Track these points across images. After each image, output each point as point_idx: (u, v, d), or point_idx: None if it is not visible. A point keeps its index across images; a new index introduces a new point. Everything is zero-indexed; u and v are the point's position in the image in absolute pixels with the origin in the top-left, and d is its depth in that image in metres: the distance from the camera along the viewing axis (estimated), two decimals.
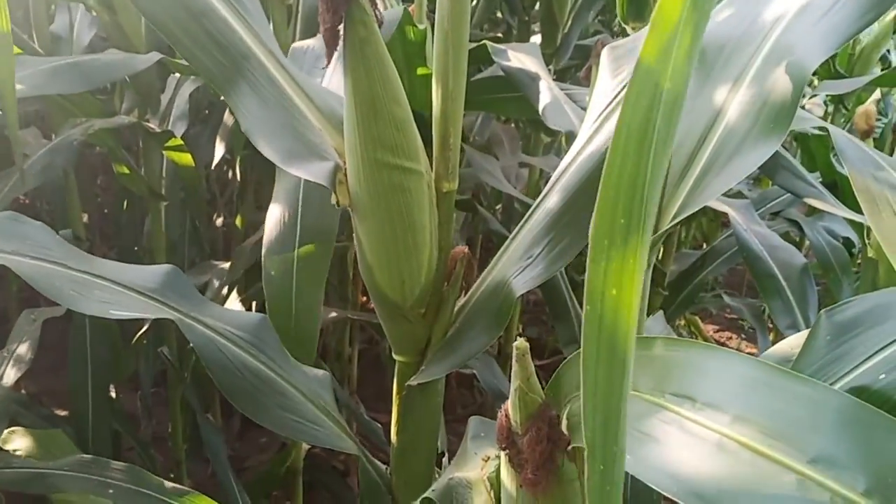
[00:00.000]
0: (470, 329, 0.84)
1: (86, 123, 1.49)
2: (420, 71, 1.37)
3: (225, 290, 1.98)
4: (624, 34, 1.75)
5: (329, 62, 0.66)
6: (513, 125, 2.49)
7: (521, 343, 0.64)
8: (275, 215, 1.05)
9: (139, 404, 2.49)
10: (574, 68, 2.74)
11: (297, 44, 1.07)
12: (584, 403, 0.41)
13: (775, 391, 0.47)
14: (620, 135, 0.37)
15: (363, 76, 0.67)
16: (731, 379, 0.50)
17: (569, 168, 0.84)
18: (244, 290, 1.99)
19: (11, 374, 1.47)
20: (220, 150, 1.91)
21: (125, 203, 2.56)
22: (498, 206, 2.87)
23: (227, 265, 2.05)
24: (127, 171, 1.68)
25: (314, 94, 0.78)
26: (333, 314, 1.76)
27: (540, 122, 1.65)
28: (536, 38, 2.47)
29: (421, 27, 1.27)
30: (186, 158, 1.77)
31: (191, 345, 1.84)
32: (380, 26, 0.66)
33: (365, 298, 2.66)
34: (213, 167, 2.02)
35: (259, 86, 0.74)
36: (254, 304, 2.12)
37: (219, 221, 2.62)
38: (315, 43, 1.07)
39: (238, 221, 2.33)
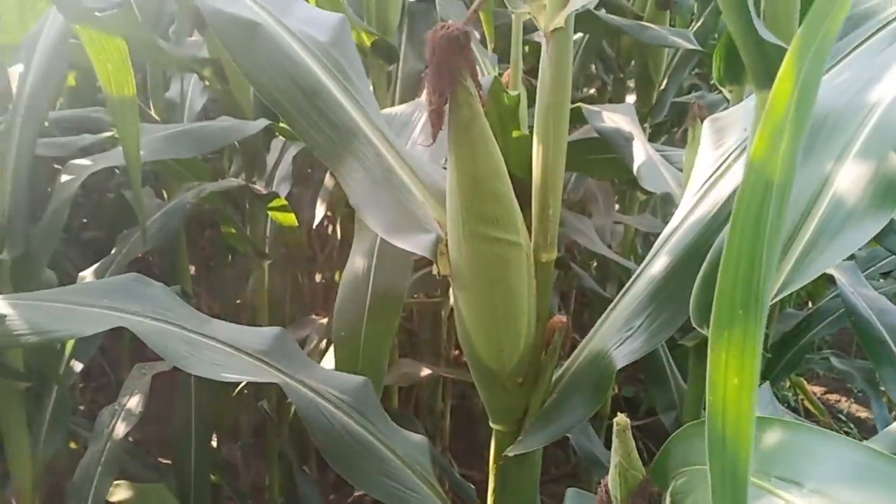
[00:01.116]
0: (568, 400, 0.84)
1: (198, 187, 1.57)
2: (515, 133, 1.40)
3: (323, 345, 2.03)
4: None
5: (434, 140, 0.69)
6: (607, 182, 2.48)
7: (621, 419, 0.64)
8: (349, 276, 1.08)
9: (239, 454, 2.55)
10: (669, 122, 2.72)
11: (386, 111, 1.11)
12: (713, 490, 0.42)
13: (885, 479, 0.46)
14: (735, 232, 0.38)
15: (467, 154, 0.70)
16: (840, 465, 0.49)
17: (670, 238, 0.83)
18: None
19: (122, 428, 1.54)
20: (320, 209, 1.98)
21: (229, 257, 2.67)
22: (593, 262, 2.85)
23: (325, 320, 2.10)
24: (234, 230, 1.76)
25: (418, 168, 0.80)
26: (427, 371, 1.77)
27: (636, 180, 1.66)
28: (631, 96, 2.47)
29: (514, 94, 1.30)
30: (290, 218, 1.84)
31: (289, 399, 1.88)
32: (483, 106, 0.68)
33: (458, 352, 2.67)
34: (314, 226, 2.09)
35: (366, 161, 0.78)
36: None
37: (318, 276, 2.69)
38: (403, 110, 1.11)
39: (337, 277, 2.39)
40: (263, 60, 0.75)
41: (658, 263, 0.82)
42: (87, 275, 1.46)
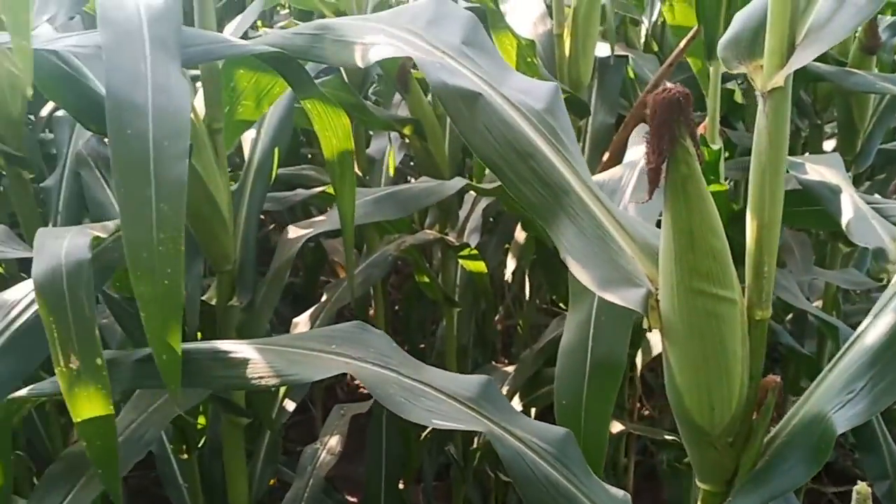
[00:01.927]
0: (782, 463, 0.81)
1: (399, 240, 1.67)
2: (714, 187, 1.38)
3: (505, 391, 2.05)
4: None
5: (650, 198, 0.71)
6: (804, 233, 2.36)
7: (862, 488, 0.62)
8: (567, 344, 1.09)
9: (421, 497, 2.61)
10: (872, 169, 2.56)
11: (595, 177, 1.14)
12: None
13: None
14: None
15: (683, 211, 0.71)
16: None
17: (894, 298, 0.80)
18: (525, 395, 2.05)
19: (324, 465, 1.64)
20: (511, 262, 2.04)
21: (415, 302, 2.77)
22: (787, 316, 2.70)
23: (508, 368, 2.13)
24: (427, 279, 1.84)
25: (628, 225, 0.82)
26: (619, 427, 1.76)
27: (838, 232, 1.58)
28: (828, 142, 2.36)
29: (715, 147, 1.29)
30: (480, 266, 1.91)
31: (474, 446, 1.91)
32: (701, 164, 0.70)
33: (639, 405, 2.61)
34: (506, 277, 2.14)
35: (577, 218, 0.81)
36: (533, 409, 2.17)
37: (499, 324, 2.73)
38: (612, 175, 1.14)
39: (520, 324, 2.43)
40: (482, 126, 0.81)
41: (881, 323, 0.79)
42: (301, 321, 1.58)
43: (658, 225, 0.89)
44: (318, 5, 1.94)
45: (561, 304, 2.05)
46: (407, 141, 1.86)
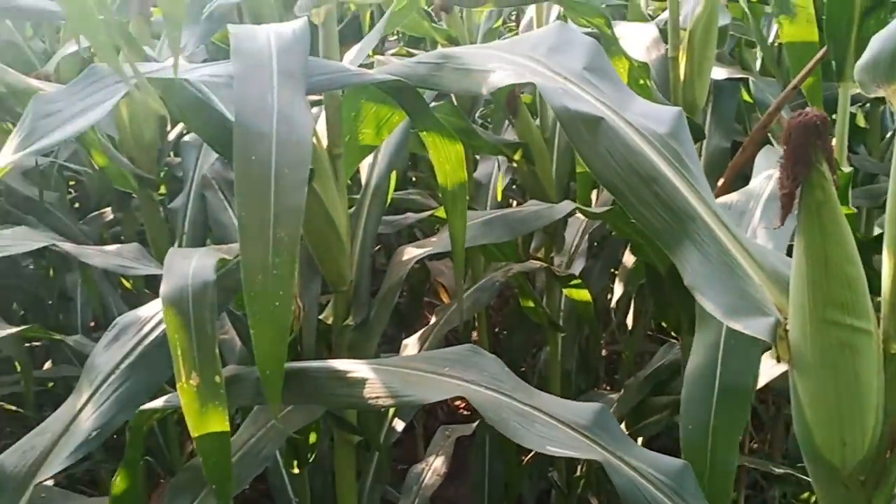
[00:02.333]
0: None
1: (506, 267, 1.68)
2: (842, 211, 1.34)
3: None
4: None
5: (782, 223, 0.69)
6: None
7: None
8: (694, 369, 1.07)
9: None
10: None
11: (720, 200, 1.11)
12: None
13: None
14: None
15: (818, 237, 0.69)
16: None
17: None
18: (631, 424, 2.00)
19: (429, 486, 1.65)
20: (618, 288, 2.01)
21: (517, 325, 2.76)
22: None
23: (613, 395, 2.09)
24: (532, 304, 1.84)
25: (756, 252, 0.80)
26: None
27: None
28: None
29: (847, 170, 1.24)
30: (584, 295, 1.89)
31: (577, 473, 1.88)
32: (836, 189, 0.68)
33: (749, 438, 2.51)
34: (612, 304, 2.12)
35: (703, 244, 0.79)
36: (639, 439, 2.12)
37: (604, 349, 2.69)
38: (738, 198, 1.11)
39: (625, 351, 2.38)
40: (604, 150, 0.81)
41: None
42: (410, 343, 1.61)
43: (786, 252, 0.86)
44: (430, 31, 1.98)
45: (671, 332, 2.00)
46: (514, 165, 1.87)
